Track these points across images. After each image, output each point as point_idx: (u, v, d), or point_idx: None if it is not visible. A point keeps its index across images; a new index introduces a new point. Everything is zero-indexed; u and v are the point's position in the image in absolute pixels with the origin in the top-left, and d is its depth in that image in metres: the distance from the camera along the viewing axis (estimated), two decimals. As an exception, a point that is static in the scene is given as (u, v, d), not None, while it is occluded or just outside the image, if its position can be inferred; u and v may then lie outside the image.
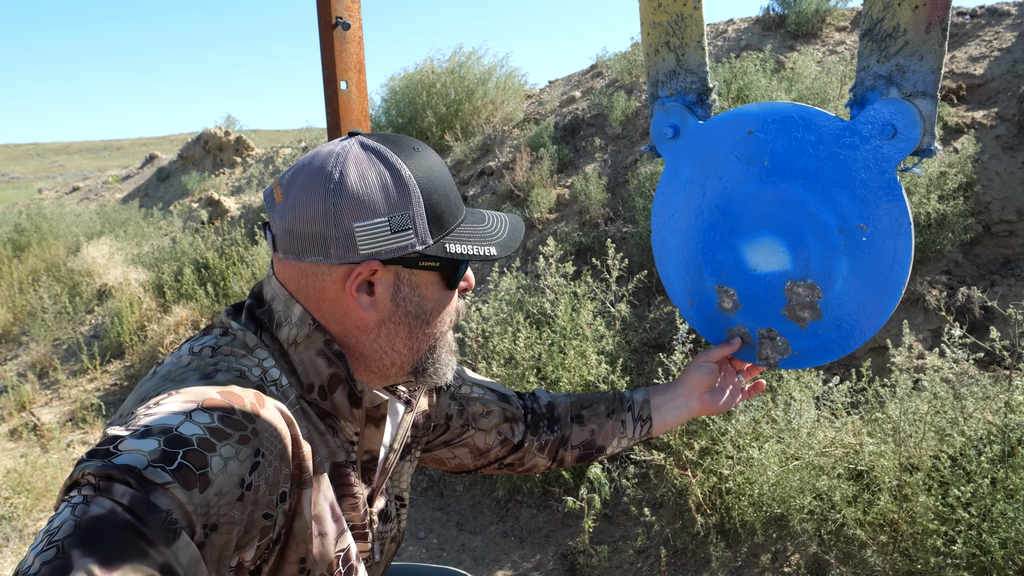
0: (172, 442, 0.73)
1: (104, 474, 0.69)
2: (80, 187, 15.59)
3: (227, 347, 0.90)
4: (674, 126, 1.32)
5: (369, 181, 0.88)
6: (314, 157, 0.91)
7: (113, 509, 0.67)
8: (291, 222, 0.89)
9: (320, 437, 0.93)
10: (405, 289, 0.94)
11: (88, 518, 0.66)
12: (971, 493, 2.17)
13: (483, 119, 7.18)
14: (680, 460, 2.89)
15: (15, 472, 3.93)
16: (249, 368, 0.88)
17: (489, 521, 3.30)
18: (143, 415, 0.76)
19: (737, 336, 1.33)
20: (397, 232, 0.89)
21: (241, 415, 0.79)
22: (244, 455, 0.77)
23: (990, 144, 4.18)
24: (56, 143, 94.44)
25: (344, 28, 2.11)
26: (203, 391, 0.80)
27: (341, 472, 0.96)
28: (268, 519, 0.81)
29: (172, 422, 0.75)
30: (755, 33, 6.44)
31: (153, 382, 0.85)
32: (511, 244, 1.00)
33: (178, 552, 0.69)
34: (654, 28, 1.32)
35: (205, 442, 0.74)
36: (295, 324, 0.92)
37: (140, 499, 0.68)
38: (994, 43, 5.00)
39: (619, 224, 4.83)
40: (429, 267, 0.93)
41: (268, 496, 0.80)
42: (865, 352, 3.31)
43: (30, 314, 6.90)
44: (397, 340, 0.96)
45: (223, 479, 0.74)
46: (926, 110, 1.07)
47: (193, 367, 0.86)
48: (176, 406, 0.77)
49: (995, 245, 3.81)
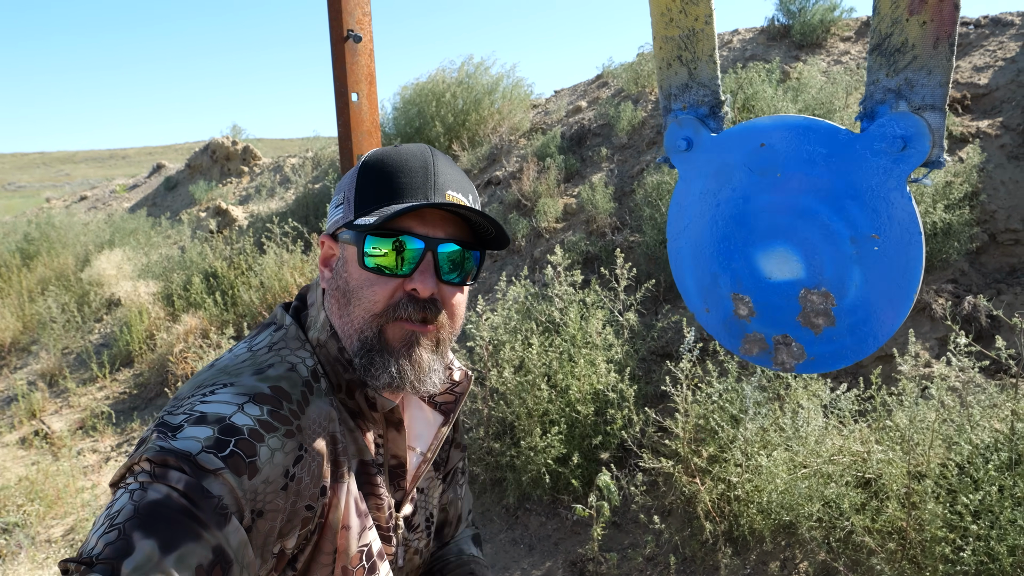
0: (225, 430, 0.78)
1: (160, 460, 0.74)
2: (88, 196, 15.69)
3: (281, 342, 0.96)
4: (687, 138, 1.35)
5: (348, 174, 1.00)
6: None
7: (169, 494, 0.72)
8: None
9: (350, 434, 0.97)
10: (339, 264, 0.98)
11: (146, 502, 0.71)
12: (979, 501, 2.19)
13: (490, 129, 7.22)
14: (689, 468, 2.90)
15: (27, 480, 3.96)
16: (303, 359, 0.94)
17: (499, 529, 3.32)
18: (199, 403, 0.81)
19: (753, 343, 1.35)
20: (338, 207, 0.98)
21: (288, 411, 0.85)
22: (289, 448, 0.82)
23: (995, 153, 4.20)
24: (62, 152, 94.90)
25: (356, 41, 2.14)
26: (255, 385, 0.85)
27: (367, 471, 0.99)
28: (310, 511, 0.85)
29: (226, 411, 0.80)
30: (760, 43, 6.48)
31: (210, 373, 0.89)
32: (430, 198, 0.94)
33: (229, 535, 0.73)
34: (666, 42, 1.35)
35: (255, 432, 0.79)
36: (319, 328, 0.97)
37: (194, 485, 0.73)
38: (998, 53, 5.03)
39: (626, 233, 4.85)
40: (346, 240, 0.96)
41: (311, 489, 0.85)
42: (872, 360, 3.32)
43: (40, 323, 6.94)
44: (334, 316, 0.98)
45: (270, 468, 0.79)
46: (935, 123, 1.09)
47: (248, 362, 0.91)
48: (229, 397, 0.82)
49: (1001, 254, 3.83)
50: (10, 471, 4.39)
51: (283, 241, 6.27)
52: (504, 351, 3.41)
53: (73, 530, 3.64)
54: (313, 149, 11.10)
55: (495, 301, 4.03)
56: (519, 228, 5.30)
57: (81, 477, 4.22)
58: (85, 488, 4.05)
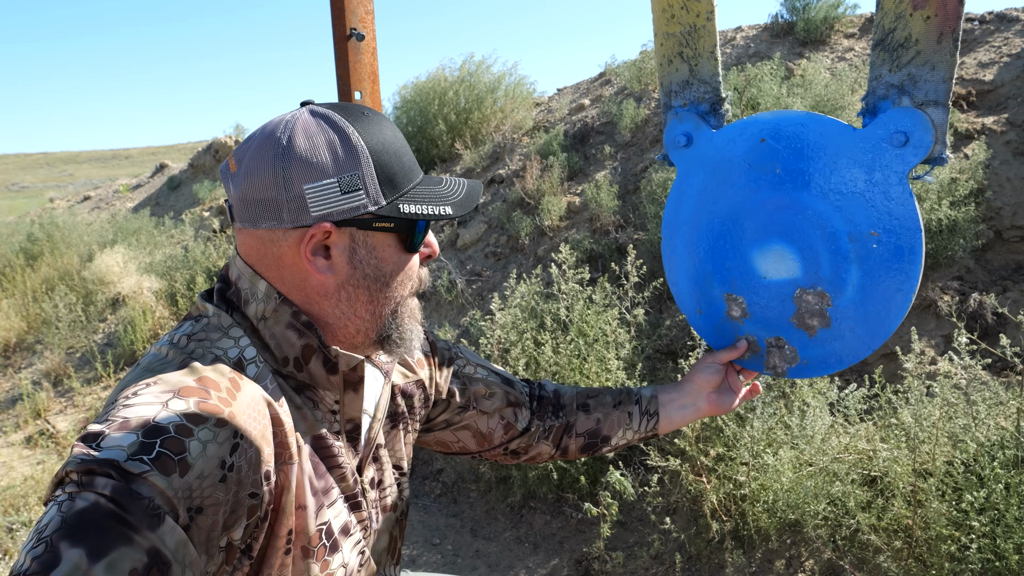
0: (149, 432, 0.75)
1: (86, 469, 0.72)
2: (91, 196, 15.72)
3: (201, 332, 0.91)
4: (687, 135, 1.34)
5: (317, 144, 0.89)
6: (264, 127, 0.93)
7: (97, 501, 0.70)
8: (244, 190, 0.90)
9: (298, 411, 0.94)
10: (361, 251, 0.94)
11: (74, 512, 0.69)
12: (985, 498, 2.18)
13: (493, 127, 7.22)
14: (695, 466, 2.89)
15: (32, 479, 3.98)
16: (225, 350, 0.90)
17: (503, 527, 3.32)
18: (121, 407, 0.78)
19: (744, 343, 1.35)
20: (348, 193, 0.90)
21: (217, 399, 0.81)
22: (223, 437, 0.79)
23: (1000, 150, 4.18)
24: (65, 152, 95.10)
25: (359, 39, 2.14)
26: (179, 379, 0.82)
27: (324, 444, 0.97)
28: (254, 498, 0.83)
29: (149, 413, 0.77)
30: (764, 40, 6.46)
31: (133, 374, 0.86)
32: (467, 204, 0.99)
33: (164, 536, 0.71)
34: (667, 39, 1.34)
35: (182, 428, 0.76)
36: (261, 299, 0.93)
37: (122, 488, 0.70)
38: (1003, 49, 5.00)
39: (630, 231, 4.84)
40: (384, 228, 0.93)
41: (252, 476, 0.82)
42: (877, 358, 3.31)
43: (44, 323, 6.96)
44: (358, 304, 0.96)
45: (203, 462, 0.76)
46: (938, 119, 1.08)
47: (170, 358, 0.87)
48: (153, 396, 0.79)
49: (1006, 251, 3.81)
50: (16, 471, 4.41)
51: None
52: (513, 350, 3.40)
53: (78, 530, 3.66)
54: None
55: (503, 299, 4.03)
56: (523, 226, 5.29)
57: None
58: (90, 488, 4.06)
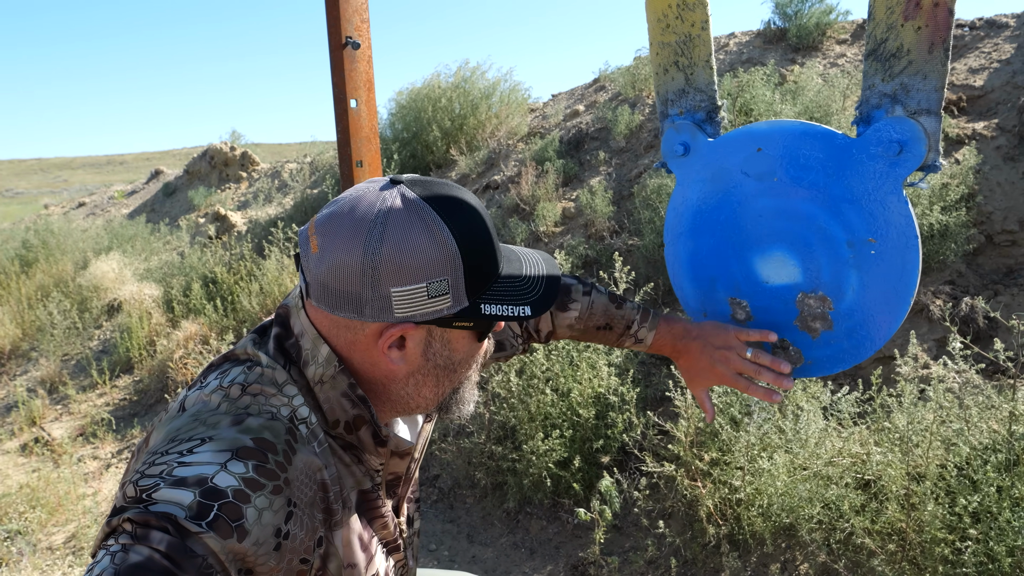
0: (207, 494, 0.74)
1: (142, 520, 0.71)
2: (86, 202, 15.69)
3: (257, 385, 0.89)
4: (684, 144, 1.36)
5: (410, 246, 0.85)
6: (355, 206, 0.88)
7: (151, 556, 0.69)
8: (326, 276, 0.87)
9: (346, 469, 0.94)
10: (436, 345, 0.93)
11: (127, 565, 0.68)
12: (978, 502, 2.20)
13: (488, 133, 7.24)
14: (690, 471, 2.91)
15: (28, 487, 3.97)
16: (278, 408, 0.88)
17: (499, 533, 3.32)
18: (176, 463, 0.76)
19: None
20: (434, 297, 0.87)
21: (275, 463, 0.80)
22: (278, 505, 0.78)
23: (991, 155, 4.22)
24: (59, 158, 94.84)
25: (354, 48, 2.15)
26: (237, 439, 0.80)
27: (368, 498, 0.98)
28: (304, 564, 0.82)
29: (207, 472, 0.75)
30: (756, 47, 6.50)
31: (183, 421, 0.84)
32: (546, 302, 0.98)
33: None
34: (663, 48, 1.36)
35: (240, 493, 0.75)
36: (322, 364, 0.91)
37: (177, 545, 0.70)
38: (993, 55, 5.05)
39: (625, 237, 4.86)
40: (463, 326, 0.93)
41: (306, 543, 0.82)
42: (871, 362, 3.33)
43: (39, 329, 6.94)
44: (424, 388, 0.96)
45: (259, 530, 0.75)
46: (930, 127, 1.10)
47: (224, 410, 0.85)
48: (211, 455, 0.78)
49: (997, 255, 3.84)
50: (11, 478, 4.40)
51: (285, 247, 6.29)
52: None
53: (75, 537, 3.64)
54: (311, 154, 11.12)
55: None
56: (518, 232, 5.31)
57: (82, 484, 4.22)
58: (86, 495, 4.05)
